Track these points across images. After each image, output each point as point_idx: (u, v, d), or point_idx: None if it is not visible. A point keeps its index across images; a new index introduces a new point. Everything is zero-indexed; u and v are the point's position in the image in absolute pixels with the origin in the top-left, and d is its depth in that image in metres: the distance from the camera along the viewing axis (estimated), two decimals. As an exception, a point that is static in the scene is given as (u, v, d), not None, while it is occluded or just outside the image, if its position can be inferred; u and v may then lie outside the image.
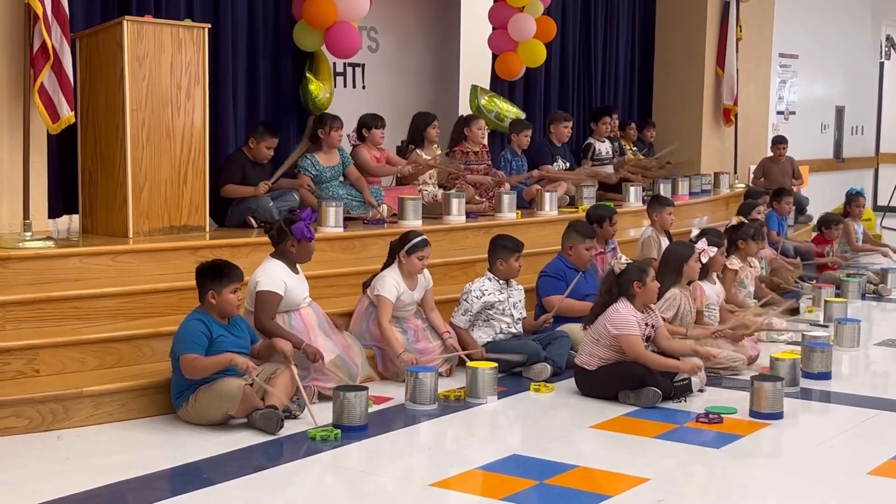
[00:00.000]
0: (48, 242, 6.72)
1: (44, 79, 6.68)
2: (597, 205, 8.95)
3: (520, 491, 4.88)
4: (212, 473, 5.03)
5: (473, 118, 10.16)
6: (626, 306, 6.47)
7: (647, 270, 6.56)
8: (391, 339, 6.76)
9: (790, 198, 11.30)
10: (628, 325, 6.41)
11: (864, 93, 18.79)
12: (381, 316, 6.82)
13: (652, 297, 6.60)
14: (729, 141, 14.21)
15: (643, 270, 6.55)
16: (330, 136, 8.67)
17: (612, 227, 8.48)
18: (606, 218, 8.42)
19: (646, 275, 6.51)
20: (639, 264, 6.72)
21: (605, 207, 8.68)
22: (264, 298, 6.23)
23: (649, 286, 6.53)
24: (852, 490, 5.04)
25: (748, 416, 6.15)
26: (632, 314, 6.45)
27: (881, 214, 16.83)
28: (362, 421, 5.75)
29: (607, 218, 8.42)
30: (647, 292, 6.53)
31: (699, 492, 5.05)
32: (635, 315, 6.46)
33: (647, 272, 6.54)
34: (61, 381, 5.79)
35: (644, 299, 6.53)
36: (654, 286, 6.57)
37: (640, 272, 6.52)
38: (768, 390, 6.15)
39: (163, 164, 7.41)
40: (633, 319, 6.43)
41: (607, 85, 13.15)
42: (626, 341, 6.40)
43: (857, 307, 9.80)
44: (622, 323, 6.42)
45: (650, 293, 6.56)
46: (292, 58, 9.27)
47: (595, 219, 8.37)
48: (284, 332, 6.20)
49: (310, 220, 6.47)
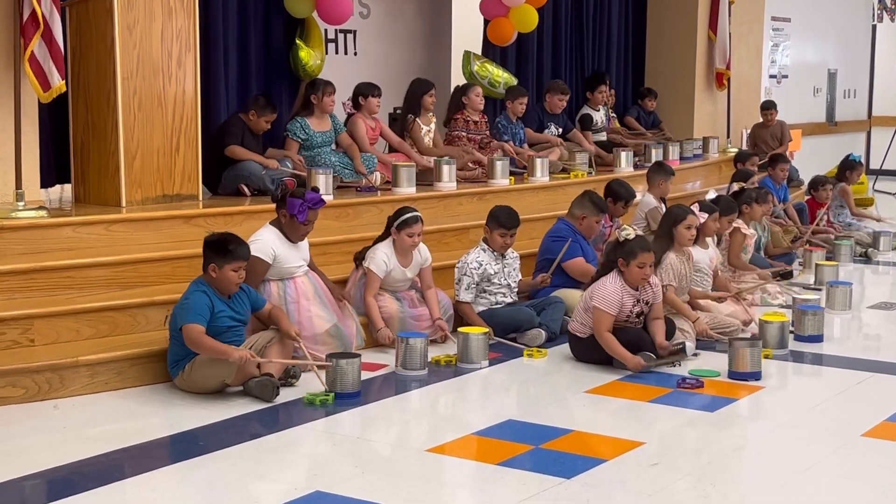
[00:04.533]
0: (41, 212, 6.71)
1: (34, 48, 6.64)
2: (619, 181, 8.58)
3: (515, 456, 4.91)
4: (208, 441, 5.05)
5: (470, 86, 10.13)
6: (614, 281, 6.41)
7: (636, 254, 6.36)
8: (373, 314, 6.77)
9: (786, 164, 11.27)
10: (607, 301, 6.34)
11: (857, 56, 18.76)
12: (368, 289, 6.82)
13: (634, 280, 6.41)
14: (721, 105, 14.18)
15: (633, 252, 6.36)
16: (323, 102, 8.63)
17: (624, 209, 8.37)
18: (622, 199, 8.28)
19: (633, 257, 6.35)
20: (640, 243, 6.47)
21: (626, 189, 8.38)
22: (251, 264, 6.19)
23: (632, 270, 6.35)
24: (846, 452, 5.06)
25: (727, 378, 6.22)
26: (617, 291, 6.36)
27: (874, 178, 16.84)
28: (355, 388, 5.77)
29: (623, 199, 8.28)
30: (630, 274, 6.38)
31: (694, 455, 5.08)
32: (622, 291, 6.38)
33: (636, 255, 6.35)
34: (56, 351, 5.80)
35: (628, 279, 6.41)
36: (637, 272, 6.36)
37: (630, 253, 6.37)
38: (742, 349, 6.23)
39: (155, 133, 7.39)
40: (614, 297, 6.35)
41: (600, 49, 13.10)
42: (596, 314, 6.35)
43: (849, 270, 9.83)
44: (601, 297, 6.35)
45: (633, 276, 6.38)
46: (283, 24, 9.23)
47: (611, 194, 8.26)
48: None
49: (312, 204, 6.34)
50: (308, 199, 6.33)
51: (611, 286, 6.40)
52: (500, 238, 7.14)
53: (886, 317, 8.18)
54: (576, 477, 4.61)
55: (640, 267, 6.39)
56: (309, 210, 6.33)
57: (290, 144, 8.58)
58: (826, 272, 8.95)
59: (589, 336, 6.45)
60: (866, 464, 4.93)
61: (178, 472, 4.74)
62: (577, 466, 4.75)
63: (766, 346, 6.79)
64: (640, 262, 6.38)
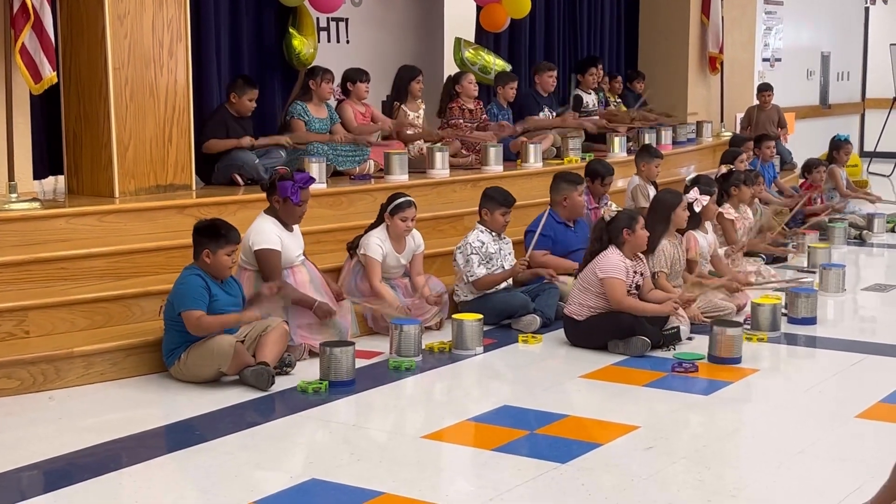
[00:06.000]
0: (34, 204, 6.71)
1: (25, 39, 6.63)
2: (598, 160, 8.71)
3: (511, 441, 4.92)
4: (205, 430, 5.06)
5: (462, 73, 10.12)
6: (615, 252, 6.52)
7: (636, 218, 6.62)
8: (385, 295, 6.77)
9: (771, 142, 11.30)
10: (615, 269, 6.46)
11: (850, 39, 18.74)
12: (372, 276, 6.82)
13: (641, 245, 6.63)
14: (715, 89, 14.18)
15: (633, 218, 6.60)
16: (321, 88, 8.63)
17: (604, 187, 8.39)
18: (600, 176, 8.33)
19: (635, 222, 6.56)
20: (629, 212, 6.76)
21: (604, 165, 8.47)
22: (265, 257, 6.21)
23: (638, 233, 6.56)
24: (841, 434, 5.09)
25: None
26: (620, 260, 6.50)
27: (868, 160, 16.85)
28: (350, 376, 5.78)
29: (601, 176, 8.33)
30: (637, 239, 6.57)
31: (689, 438, 5.10)
32: (624, 262, 6.50)
33: (636, 219, 6.59)
34: (51, 342, 5.81)
35: (633, 247, 6.57)
36: (643, 234, 6.60)
37: (630, 219, 6.57)
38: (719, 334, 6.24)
39: (147, 123, 7.38)
40: (620, 265, 6.48)
41: (593, 35, 13.08)
42: (609, 284, 6.44)
43: (843, 252, 9.85)
44: (608, 267, 6.46)
45: (639, 240, 6.59)
46: (275, 13, 9.21)
47: (590, 173, 8.32)
48: (297, 294, 6.21)
49: (302, 183, 6.35)
50: (298, 178, 6.36)
51: (614, 256, 6.51)
52: (502, 217, 7.17)
53: (881, 298, 8.19)
54: (571, 461, 4.63)
55: (643, 229, 6.59)
56: (301, 190, 6.34)
57: (297, 125, 8.54)
58: (819, 255, 8.96)
59: (585, 319, 6.48)
60: (860, 445, 4.95)
61: (174, 461, 4.75)
62: (572, 451, 4.76)
63: (759, 328, 6.82)
64: (642, 225, 6.59)
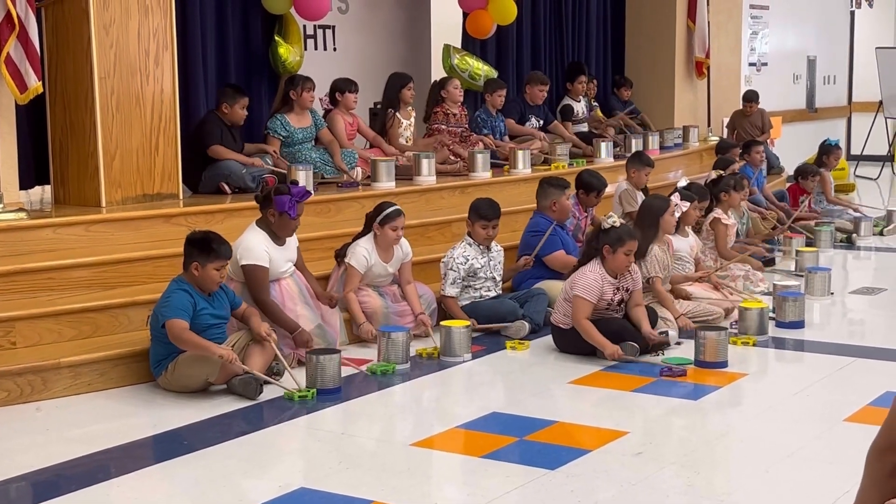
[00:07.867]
0: (20, 214, 6.69)
1: (10, 49, 6.61)
2: (590, 172, 8.52)
3: (501, 448, 4.91)
4: (193, 440, 5.04)
5: (448, 78, 10.13)
6: (594, 269, 6.41)
7: (624, 241, 6.36)
8: (353, 309, 6.77)
9: (759, 147, 11.33)
10: (587, 289, 6.34)
11: (836, 43, 18.81)
12: (347, 285, 6.82)
13: (618, 268, 6.42)
14: (702, 94, 14.21)
15: (621, 239, 6.36)
16: (302, 98, 8.62)
17: (597, 199, 8.29)
18: (595, 190, 8.21)
19: (621, 245, 6.35)
20: (626, 230, 6.48)
21: (598, 178, 8.30)
22: (251, 274, 6.20)
23: (618, 257, 6.36)
24: (829, 437, 5.09)
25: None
26: (597, 279, 6.37)
27: (854, 163, 16.90)
28: (336, 383, 5.76)
29: (596, 190, 8.22)
30: (615, 261, 6.38)
31: (677, 443, 5.10)
32: (602, 280, 6.39)
33: (623, 243, 6.35)
34: (38, 353, 5.78)
35: (611, 266, 6.42)
36: (622, 259, 6.37)
37: (618, 239, 6.36)
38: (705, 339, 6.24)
39: (133, 133, 7.36)
40: (594, 285, 6.35)
41: (579, 40, 13.11)
42: (575, 302, 6.36)
43: (829, 256, 9.86)
44: (581, 286, 6.36)
45: (617, 262, 6.38)
46: (261, 21, 9.21)
47: (584, 185, 8.21)
48: (282, 315, 6.18)
49: (299, 197, 6.34)
50: (295, 193, 6.35)
51: (591, 274, 6.40)
52: (483, 230, 7.13)
53: (868, 301, 8.21)
54: (560, 468, 4.62)
55: (627, 254, 6.40)
56: (297, 204, 6.35)
57: (272, 142, 8.56)
58: (806, 258, 8.98)
59: (571, 327, 6.45)
60: (849, 448, 4.94)
61: (162, 471, 4.73)
62: (561, 457, 4.76)
63: (747, 332, 6.83)
64: (627, 250, 6.39)
